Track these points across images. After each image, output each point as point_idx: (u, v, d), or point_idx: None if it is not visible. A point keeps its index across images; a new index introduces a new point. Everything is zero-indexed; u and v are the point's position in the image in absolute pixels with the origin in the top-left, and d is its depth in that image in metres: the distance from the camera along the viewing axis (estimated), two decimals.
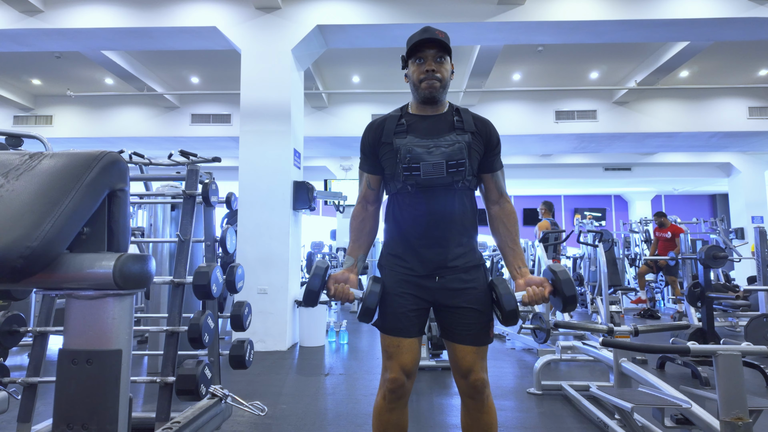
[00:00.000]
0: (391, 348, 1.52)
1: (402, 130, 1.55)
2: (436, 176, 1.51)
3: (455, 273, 1.53)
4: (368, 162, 1.62)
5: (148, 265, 0.92)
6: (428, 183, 1.51)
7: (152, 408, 2.21)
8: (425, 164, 1.50)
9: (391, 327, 1.52)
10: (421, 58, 1.53)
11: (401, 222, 1.57)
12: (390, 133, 1.56)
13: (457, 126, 1.55)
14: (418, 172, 1.50)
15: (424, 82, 1.52)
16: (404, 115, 1.60)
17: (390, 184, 1.60)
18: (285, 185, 4.94)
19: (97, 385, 0.86)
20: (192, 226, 2.42)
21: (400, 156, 1.51)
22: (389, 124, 1.58)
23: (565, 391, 3.09)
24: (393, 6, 5.07)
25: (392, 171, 1.55)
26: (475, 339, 1.51)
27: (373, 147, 1.59)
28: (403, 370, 1.49)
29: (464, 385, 1.53)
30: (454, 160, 1.50)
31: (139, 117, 8.71)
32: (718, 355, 1.47)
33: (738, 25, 5.06)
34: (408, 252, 1.56)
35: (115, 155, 0.97)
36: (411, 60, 1.56)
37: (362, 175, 1.66)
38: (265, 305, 4.71)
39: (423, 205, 1.53)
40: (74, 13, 5.20)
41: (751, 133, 8.43)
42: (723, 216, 8.81)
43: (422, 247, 1.54)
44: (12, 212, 0.83)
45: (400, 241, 1.58)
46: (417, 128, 1.56)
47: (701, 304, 4.05)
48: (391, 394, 1.50)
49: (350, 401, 3.04)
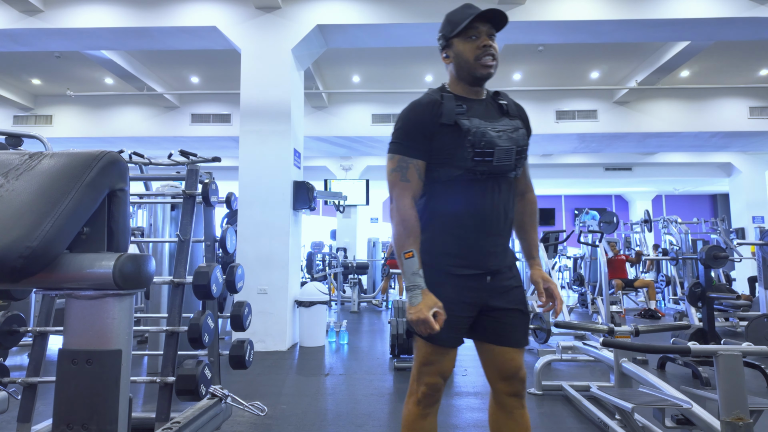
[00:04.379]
0: (434, 357, 1.39)
1: (462, 111, 1.39)
2: (505, 163, 1.39)
3: (503, 271, 1.45)
4: (418, 146, 1.39)
5: (147, 265, 0.92)
6: (499, 170, 1.39)
7: (152, 408, 2.21)
8: (499, 150, 1.37)
9: (445, 338, 1.37)
10: (474, 34, 1.39)
11: (459, 214, 1.40)
12: (451, 113, 1.38)
13: (505, 111, 1.47)
14: (491, 158, 1.36)
15: (482, 59, 1.38)
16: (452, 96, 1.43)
17: (440, 171, 1.40)
18: (285, 185, 4.94)
19: (97, 385, 0.86)
20: (192, 226, 2.42)
21: (472, 139, 1.35)
22: (448, 103, 1.40)
23: (566, 392, 3.09)
24: (393, 6, 5.06)
25: (451, 155, 1.38)
26: (522, 340, 1.45)
27: (428, 128, 1.39)
28: (442, 375, 1.40)
29: (507, 387, 1.43)
30: (521, 147, 1.42)
31: (139, 117, 8.71)
32: (718, 355, 1.47)
33: (738, 25, 5.06)
34: (464, 249, 1.40)
35: (115, 155, 0.97)
36: (460, 38, 1.41)
37: (406, 163, 1.40)
38: (265, 305, 4.71)
39: (489, 194, 1.39)
40: (74, 13, 5.20)
41: (751, 132, 8.43)
42: (724, 216, 8.81)
43: (483, 242, 1.40)
44: (12, 212, 0.83)
45: (454, 237, 1.40)
46: (475, 111, 1.42)
47: (702, 305, 4.05)
48: (427, 399, 1.40)
49: (350, 401, 3.04)
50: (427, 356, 1.40)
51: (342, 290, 8.63)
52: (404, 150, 1.40)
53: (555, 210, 15.59)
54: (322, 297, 4.87)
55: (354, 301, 7.92)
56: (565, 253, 11.24)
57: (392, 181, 1.41)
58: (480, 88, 1.47)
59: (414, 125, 1.40)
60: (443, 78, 7.91)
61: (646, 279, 7.23)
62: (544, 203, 15.82)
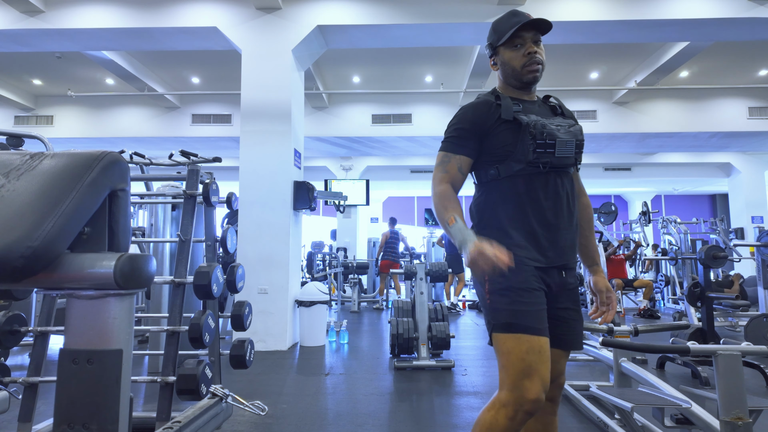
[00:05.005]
0: (532, 354, 1.24)
1: (520, 110, 1.43)
2: (566, 155, 1.40)
3: (573, 268, 1.42)
4: (467, 144, 1.43)
5: (148, 265, 0.92)
6: (560, 163, 1.39)
7: (153, 408, 2.21)
8: (560, 141, 1.38)
9: (532, 325, 1.26)
10: (519, 43, 1.45)
11: (525, 208, 1.38)
12: (509, 110, 1.42)
13: (558, 111, 1.51)
14: (552, 150, 1.38)
15: (528, 66, 1.44)
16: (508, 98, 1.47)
17: (500, 167, 1.41)
18: (285, 185, 4.94)
19: (97, 385, 0.86)
20: (193, 226, 2.42)
21: (533, 131, 1.37)
22: (505, 102, 1.44)
23: (565, 391, 3.09)
24: (393, 6, 5.07)
25: (510, 151, 1.39)
26: (580, 342, 1.41)
27: (482, 127, 1.42)
28: (544, 385, 1.25)
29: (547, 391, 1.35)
30: (580, 140, 1.44)
31: (139, 117, 8.71)
32: (718, 355, 1.47)
33: (738, 25, 5.06)
34: (534, 244, 1.36)
35: (116, 155, 0.97)
36: (505, 46, 1.46)
37: (450, 159, 1.44)
38: (265, 305, 4.71)
39: (553, 187, 1.39)
40: (75, 14, 5.21)
41: (751, 133, 8.43)
42: (723, 216, 8.81)
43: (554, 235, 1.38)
44: (13, 212, 0.83)
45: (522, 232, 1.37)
46: (531, 110, 1.46)
47: (701, 304, 4.05)
48: (527, 416, 1.24)
49: (351, 401, 3.04)
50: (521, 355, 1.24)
51: (342, 290, 8.64)
52: (451, 147, 1.44)
53: None
54: (322, 297, 4.87)
55: (354, 300, 7.92)
56: None
57: (434, 175, 1.45)
58: (531, 91, 1.51)
59: (470, 123, 1.43)
60: (443, 78, 7.92)
61: (645, 279, 7.23)
62: None
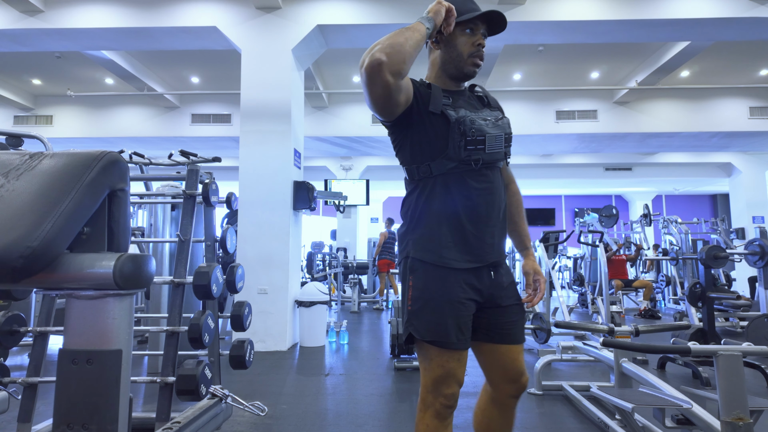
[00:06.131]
0: (451, 363, 1.30)
1: (449, 103, 1.35)
2: (497, 150, 1.35)
3: (502, 265, 1.42)
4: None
5: (148, 265, 0.92)
6: (491, 158, 1.35)
7: (152, 408, 2.21)
8: (490, 137, 1.33)
9: (457, 340, 1.30)
10: (471, 28, 1.37)
11: (456, 206, 1.33)
12: (438, 103, 1.33)
13: (486, 102, 1.46)
14: (483, 146, 1.32)
15: (473, 57, 1.38)
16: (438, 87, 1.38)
17: (432, 165, 1.34)
18: (285, 185, 4.94)
19: (97, 385, 0.86)
20: (192, 226, 2.42)
21: (463, 128, 1.31)
22: (436, 92, 1.35)
23: (566, 392, 3.09)
24: (393, 6, 5.06)
25: (442, 148, 1.33)
26: (521, 335, 1.42)
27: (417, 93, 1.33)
28: (459, 383, 1.33)
29: (512, 388, 1.40)
30: (508, 134, 1.40)
31: (139, 117, 8.71)
32: (718, 355, 1.47)
33: (738, 25, 5.06)
34: (464, 241, 1.34)
35: (115, 155, 0.97)
36: (458, 26, 1.37)
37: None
38: (265, 305, 4.71)
39: (484, 184, 1.35)
40: (74, 13, 5.20)
41: (751, 133, 8.42)
42: (724, 216, 8.81)
43: (483, 234, 1.35)
44: (12, 212, 0.83)
45: (453, 230, 1.34)
46: (460, 103, 1.38)
47: (702, 305, 4.04)
48: (448, 410, 1.32)
49: (350, 401, 3.04)
50: (440, 364, 1.31)
51: (342, 290, 8.64)
52: None
53: (555, 210, 15.63)
54: (322, 297, 4.87)
55: (354, 301, 7.92)
56: (565, 253, 11.25)
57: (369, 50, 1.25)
58: (460, 84, 1.46)
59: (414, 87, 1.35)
60: None
61: (645, 279, 7.23)
62: (544, 203, 15.83)
